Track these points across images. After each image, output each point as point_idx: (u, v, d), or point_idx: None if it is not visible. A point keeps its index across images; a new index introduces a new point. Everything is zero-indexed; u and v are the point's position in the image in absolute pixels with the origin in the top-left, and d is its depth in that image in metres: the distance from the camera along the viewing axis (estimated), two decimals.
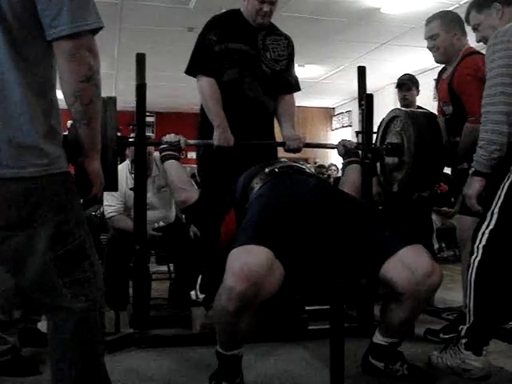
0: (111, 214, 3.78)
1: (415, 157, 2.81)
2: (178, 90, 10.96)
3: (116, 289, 3.54)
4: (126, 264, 3.38)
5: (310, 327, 3.10)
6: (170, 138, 2.83)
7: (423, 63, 8.13)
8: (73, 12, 1.44)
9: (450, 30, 2.99)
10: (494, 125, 2.26)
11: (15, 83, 1.45)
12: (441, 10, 6.12)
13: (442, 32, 3.00)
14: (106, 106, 2.49)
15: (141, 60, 2.99)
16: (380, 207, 4.03)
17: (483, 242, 2.32)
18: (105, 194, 3.87)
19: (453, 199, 6.41)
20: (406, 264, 2.08)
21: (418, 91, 4.37)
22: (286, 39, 3.21)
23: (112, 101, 2.56)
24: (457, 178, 3.44)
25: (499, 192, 2.32)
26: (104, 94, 2.71)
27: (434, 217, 5.54)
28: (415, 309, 2.20)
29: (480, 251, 2.32)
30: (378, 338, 2.35)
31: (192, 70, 3.08)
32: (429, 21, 3.10)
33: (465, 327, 2.38)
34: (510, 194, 2.29)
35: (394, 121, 3.04)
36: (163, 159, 2.80)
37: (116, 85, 10.07)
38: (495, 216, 2.30)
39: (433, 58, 3.06)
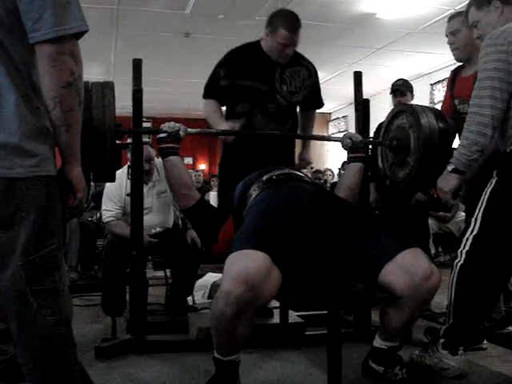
0: (109, 219, 3.77)
1: (420, 162, 2.75)
2: (175, 95, 11.00)
3: (113, 294, 3.53)
4: (123, 269, 3.37)
5: (307, 333, 3.10)
6: (168, 126, 2.70)
7: (419, 68, 8.16)
8: (55, 15, 1.42)
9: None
10: (479, 126, 2.29)
11: (6, 85, 1.44)
12: (436, 15, 6.20)
13: (464, 28, 2.96)
14: (103, 92, 2.44)
15: (137, 65, 2.98)
16: (377, 212, 4.04)
17: (467, 248, 2.37)
18: (103, 198, 3.86)
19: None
20: (405, 268, 2.09)
21: (412, 96, 4.37)
22: (308, 70, 3.29)
23: (109, 86, 2.49)
24: None
25: (482, 197, 2.36)
26: None
27: (430, 221, 5.54)
28: (414, 312, 2.21)
29: (463, 256, 2.37)
30: (377, 342, 2.35)
31: (203, 96, 3.32)
32: (451, 17, 3.08)
33: (443, 328, 2.47)
34: (493, 200, 2.33)
35: (403, 114, 2.96)
36: (162, 154, 2.67)
37: None
38: (478, 222, 2.35)
39: (429, 63, 3.07)
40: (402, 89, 4.29)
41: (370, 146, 3.21)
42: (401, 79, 4.46)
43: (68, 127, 1.53)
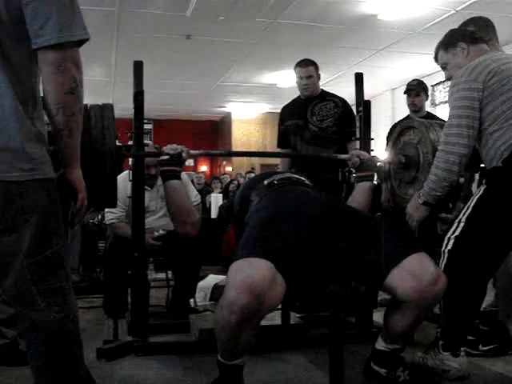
0: (112, 221, 3.78)
1: None
2: (176, 97, 11.01)
3: (115, 296, 3.53)
4: (125, 271, 3.37)
5: (309, 333, 3.09)
6: (170, 148, 2.64)
7: (420, 69, 8.16)
8: (59, 22, 1.45)
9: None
10: (447, 164, 2.42)
11: (5, 89, 1.46)
12: (437, 16, 6.20)
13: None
14: (102, 114, 2.38)
15: (138, 67, 2.99)
16: (390, 211, 4.03)
17: (449, 247, 2.45)
18: None
19: (451, 205, 6.39)
20: (412, 272, 2.07)
21: (426, 96, 4.36)
22: (334, 102, 4.03)
23: (109, 108, 2.43)
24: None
25: (469, 203, 2.47)
26: (101, 101, 2.73)
27: None
28: (420, 316, 2.20)
29: (446, 255, 2.45)
30: (380, 345, 2.34)
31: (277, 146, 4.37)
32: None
33: (440, 329, 2.50)
34: (478, 207, 2.42)
35: (411, 130, 2.97)
36: (164, 177, 2.63)
37: (113, 92, 10.09)
38: (462, 224, 2.44)
39: (430, 65, 3.06)
40: (416, 89, 4.29)
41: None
42: (415, 80, 4.45)
43: (70, 132, 1.57)
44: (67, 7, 1.49)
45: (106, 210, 3.85)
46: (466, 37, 2.64)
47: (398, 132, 3.05)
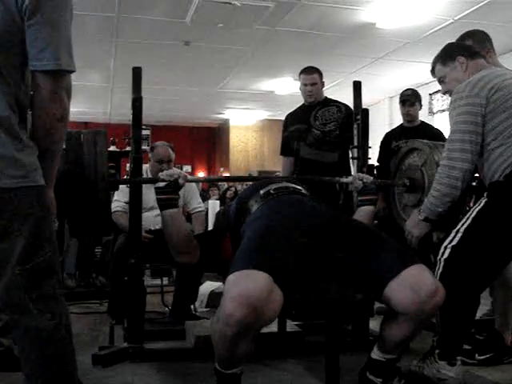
0: (116, 209, 3.78)
1: None
2: (174, 103, 11.02)
3: (122, 300, 3.51)
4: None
5: (305, 341, 3.09)
6: (167, 174, 2.54)
7: (418, 78, 8.18)
8: (58, 51, 1.52)
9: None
10: (451, 180, 2.42)
11: (1, 101, 1.50)
12: (435, 25, 6.22)
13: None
14: (95, 140, 2.32)
15: (137, 74, 2.98)
16: (383, 219, 4.04)
17: (445, 256, 2.45)
18: (116, 191, 3.85)
19: None
20: (410, 285, 2.04)
21: (420, 105, 4.40)
22: (337, 107, 4.09)
23: (101, 134, 2.37)
24: None
25: (468, 214, 2.47)
26: (100, 107, 2.75)
27: None
28: (417, 328, 2.17)
29: (442, 264, 2.45)
30: (376, 354, 2.32)
31: (280, 153, 4.41)
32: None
33: (436, 338, 2.49)
34: (478, 219, 2.42)
35: (414, 152, 2.98)
36: (161, 205, 2.51)
37: (112, 98, 10.09)
38: (459, 235, 2.43)
39: (428, 73, 2.99)
40: (411, 99, 4.32)
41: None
42: (409, 89, 4.48)
43: (53, 157, 1.65)
44: (66, 37, 1.55)
45: (114, 198, 3.85)
46: (464, 51, 2.63)
47: (401, 155, 3.05)
